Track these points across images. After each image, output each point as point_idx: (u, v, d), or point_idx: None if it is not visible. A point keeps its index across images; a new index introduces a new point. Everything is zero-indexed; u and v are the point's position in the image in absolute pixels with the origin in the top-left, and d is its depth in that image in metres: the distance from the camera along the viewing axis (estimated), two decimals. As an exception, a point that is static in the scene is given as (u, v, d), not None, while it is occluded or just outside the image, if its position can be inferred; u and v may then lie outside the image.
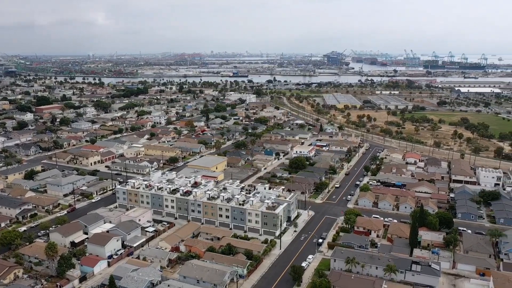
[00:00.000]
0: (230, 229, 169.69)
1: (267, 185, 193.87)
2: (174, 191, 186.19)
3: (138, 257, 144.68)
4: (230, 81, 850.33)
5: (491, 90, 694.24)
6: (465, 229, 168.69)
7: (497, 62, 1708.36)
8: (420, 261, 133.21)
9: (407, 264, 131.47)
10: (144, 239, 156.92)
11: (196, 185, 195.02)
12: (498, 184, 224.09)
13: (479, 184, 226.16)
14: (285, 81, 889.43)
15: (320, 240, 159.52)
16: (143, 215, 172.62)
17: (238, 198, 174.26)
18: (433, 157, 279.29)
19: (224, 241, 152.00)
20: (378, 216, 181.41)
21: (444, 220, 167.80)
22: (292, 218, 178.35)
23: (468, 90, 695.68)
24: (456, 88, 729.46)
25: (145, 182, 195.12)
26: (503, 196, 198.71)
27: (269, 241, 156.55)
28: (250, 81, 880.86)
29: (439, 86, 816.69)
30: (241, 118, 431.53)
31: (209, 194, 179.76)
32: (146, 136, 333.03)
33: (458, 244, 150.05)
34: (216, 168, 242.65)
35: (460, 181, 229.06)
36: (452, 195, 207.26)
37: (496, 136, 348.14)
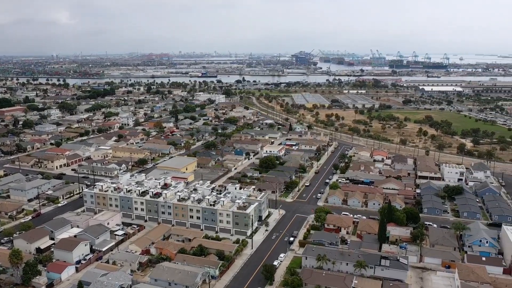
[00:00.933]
0: (201, 230, 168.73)
1: (237, 185, 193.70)
2: (144, 193, 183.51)
3: (107, 262, 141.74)
4: (199, 82, 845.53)
5: (453, 89, 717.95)
6: (431, 223, 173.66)
7: (458, 61, 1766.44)
8: (389, 256, 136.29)
9: (376, 260, 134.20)
10: (113, 243, 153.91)
11: (166, 186, 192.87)
12: (461, 179, 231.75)
13: (443, 179, 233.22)
14: (254, 81, 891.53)
15: (291, 239, 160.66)
16: (112, 218, 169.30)
17: (208, 199, 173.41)
18: (399, 154, 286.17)
19: (195, 242, 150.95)
20: (347, 213, 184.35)
21: (411, 215, 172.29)
22: (263, 218, 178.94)
23: (432, 89, 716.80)
24: (420, 87, 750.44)
25: (114, 185, 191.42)
26: (466, 191, 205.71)
27: (240, 241, 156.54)
28: (219, 81, 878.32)
29: (404, 85, 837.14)
30: (210, 118, 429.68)
31: (180, 196, 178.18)
32: (114, 138, 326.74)
33: (424, 238, 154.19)
34: (186, 169, 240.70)
35: (425, 177, 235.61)
36: (418, 191, 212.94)
37: (459, 133, 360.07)
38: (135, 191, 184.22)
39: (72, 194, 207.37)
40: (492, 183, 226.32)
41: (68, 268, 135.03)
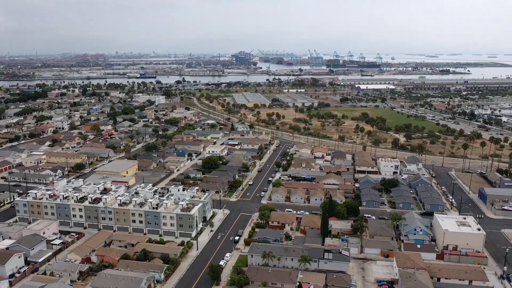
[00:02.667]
0: (145, 234, 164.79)
1: (180, 187, 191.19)
2: (82, 199, 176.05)
3: (44, 273, 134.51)
4: (138, 83, 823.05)
5: (386, 87, 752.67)
6: (370, 215, 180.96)
7: (390, 61, 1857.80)
8: (332, 249, 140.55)
9: (319, 253, 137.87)
10: (50, 253, 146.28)
11: (105, 191, 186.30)
12: (396, 172, 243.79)
13: (380, 173, 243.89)
14: (195, 82, 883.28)
15: (237, 238, 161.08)
16: (48, 227, 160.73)
17: (151, 202, 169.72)
18: (338, 151, 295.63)
19: (138, 247, 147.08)
20: (291, 210, 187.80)
21: (351, 208, 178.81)
22: (207, 218, 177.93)
23: (367, 87, 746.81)
24: (356, 86, 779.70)
25: (49, 192, 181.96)
26: (400, 183, 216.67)
27: (185, 243, 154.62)
28: (158, 82, 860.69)
29: (341, 83, 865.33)
30: (150, 120, 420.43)
31: (120, 200, 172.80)
32: (48, 143, 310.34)
33: (364, 230, 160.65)
34: (127, 173, 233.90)
35: (363, 172, 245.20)
36: (357, 185, 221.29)
37: (393, 128, 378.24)
38: (72, 198, 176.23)
39: (2, 204, 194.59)
40: (424, 174, 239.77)
41: (1, 282, 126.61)
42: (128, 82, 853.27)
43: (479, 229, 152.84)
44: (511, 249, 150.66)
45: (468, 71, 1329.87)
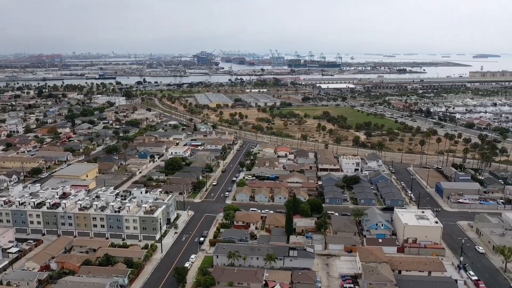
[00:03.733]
0: (107, 238, 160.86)
1: (143, 189, 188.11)
2: (40, 205, 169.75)
3: (0, 283, 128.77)
4: (97, 84, 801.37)
5: (346, 86, 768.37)
6: (333, 212, 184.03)
7: (350, 60, 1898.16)
8: (296, 247, 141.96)
9: (285, 251, 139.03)
10: (6, 262, 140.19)
11: (65, 196, 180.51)
12: (357, 169, 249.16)
13: (342, 170, 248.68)
14: (156, 82, 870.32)
15: (202, 239, 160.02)
16: (3, 235, 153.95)
17: (113, 205, 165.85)
18: (301, 149, 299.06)
19: (100, 252, 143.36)
20: (255, 209, 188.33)
21: (315, 206, 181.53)
22: (172, 220, 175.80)
23: (328, 86, 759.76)
24: (317, 85, 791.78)
25: (3, 198, 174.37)
26: (362, 180, 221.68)
27: (149, 246, 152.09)
28: (118, 83, 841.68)
29: (303, 83, 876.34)
30: (111, 121, 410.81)
31: (81, 204, 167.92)
32: (1, 147, 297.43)
33: (328, 227, 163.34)
34: (87, 176, 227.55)
35: (326, 169, 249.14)
36: (320, 182, 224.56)
37: (353, 126, 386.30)
38: (29, 203, 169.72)
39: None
40: (384, 171, 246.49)
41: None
42: (86, 83, 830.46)
43: (436, 222, 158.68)
44: (466, 240, 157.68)
45: (424, 70, 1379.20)
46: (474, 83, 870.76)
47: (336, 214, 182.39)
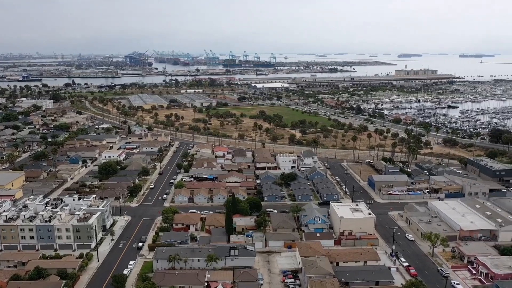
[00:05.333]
0: (38, 250, 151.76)
1: (76, 196, 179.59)
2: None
3: None
4: (20, 86, 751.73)
5: (281, 85, 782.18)
6: (272, 209, 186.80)
7: (284, 60, 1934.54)
8: (237, 246, 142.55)
9: (226, 251, 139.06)
10: None
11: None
12: (294, 166, 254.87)
13: (279, 168, 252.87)
14: (86, 84, 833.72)
15: (140, 244, 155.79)
16: None
17: (43, 215, 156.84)
18: (239, 149, 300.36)
19: (31, 265, 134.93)
20: (195, 211, 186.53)
21: (254, 204, 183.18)
22: (108, 227, 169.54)
23: (263, 86, 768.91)
24: (253, 84, 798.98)
25: None
26: (299, 176, 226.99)
27: (85, 255, 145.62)
28: (44, 85, 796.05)
29: (238, 83, 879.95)
30: (37, 126, 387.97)
31: (6, 216, 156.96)
32: None
33: (267, 224, 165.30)
34: (12, 185, 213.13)
35: (263, 168, 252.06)
36: (258, 181, 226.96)
37: (289, 125, 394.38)
38: None
39: None
40: (320, 167, 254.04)
41: None
42: (8, 85, 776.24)
43: (370, 214, 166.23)
44: (397, 229, 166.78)
45: (354, 69, 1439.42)
46: (400, 81, 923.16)
47: (275, 211, 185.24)
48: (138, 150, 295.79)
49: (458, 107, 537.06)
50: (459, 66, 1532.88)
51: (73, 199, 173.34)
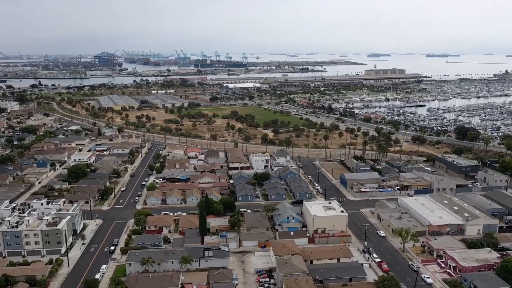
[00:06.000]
0: (4, 257, 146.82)
1: (44, 200, 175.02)
2: None
3: None
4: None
5: (253, 85, 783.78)
6: (245, 209, 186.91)
7: (255, 60, 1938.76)
8: (211, 247, 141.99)
9: (200, 252, 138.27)
10: None
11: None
12: (267, 166, 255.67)
13: (252, 168, 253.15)
14: (54, 85, 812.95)
15: (112, 248, 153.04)
16: None
17: (9, 221, 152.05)
18: (211, 149, 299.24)
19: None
20: (168, 212, 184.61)
21: (228, 205, 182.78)
22: (78, 231, 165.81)
23: (235, 86, 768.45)
24: (225, 85, 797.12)
25: None
26: (272, 176, 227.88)
27: (54, 261, 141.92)
28: (9, 86, 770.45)
29: (210, 83, 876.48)
30: (2, 129, 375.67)
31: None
32: None
33: (241, 225, 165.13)
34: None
35: (237, 168, 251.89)
36: (231, 181, 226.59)
37: (261, 124, 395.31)
38: None
39: None
40: (292, 166, 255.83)
41: None
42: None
43: (342, 211, 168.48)
44: (369, 226, 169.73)
45: (324, 69, 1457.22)
46: (369, 80, 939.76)
47: (249, 211, 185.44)
48: (108, 152, 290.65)
49: (425, 105, 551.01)
50: (426, 65, 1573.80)
51: (41, 204, 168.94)
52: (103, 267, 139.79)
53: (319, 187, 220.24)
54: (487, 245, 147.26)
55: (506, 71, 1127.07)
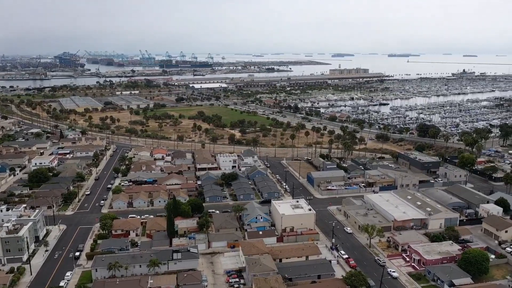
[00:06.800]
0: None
1: (3, 207, 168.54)
2: None
3: None
4: None
5: (219, 85, 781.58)
6: (214, 210, 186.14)
7: (221, 60, 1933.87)
8: (180, 249, 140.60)
9: (168, 255, 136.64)
10: None
11: None
12: (235, 166, 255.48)
13: (220, 168, 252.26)
14: (12, 87, 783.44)
15: (77, 253, 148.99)
16: None
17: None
18: (178, 150, 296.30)
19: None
20: (134, 215, 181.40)
21: (196, 206, 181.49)
22: (41, 237, 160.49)
23: (201, 86, 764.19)
24: (191, 85, 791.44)
25: None
26: (239, 176, 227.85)
27: (16, 269, 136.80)
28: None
29: (176, 84, 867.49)
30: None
31: None
32: None
33: (210, 225, 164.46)
34: None
35: (204, 169, 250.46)
36: (199, 182, 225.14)
37: (228, 125, 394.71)
38: None
39: None
40: (260, 166, 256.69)
41: None
42: None
43: (310, 210, 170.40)
44: (336, 223, 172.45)
45: (290, 69, 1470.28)
46: (334, 80, 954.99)
47: (217, 212, 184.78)
48: (72, 155, 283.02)
49: (388, 104, 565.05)
50: (388, 65, 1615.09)
51: (1, 210, 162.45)
52: (68, 274, 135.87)
53: (286, 186, 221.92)
54: (448, 238, 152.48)
55: (464, 70, 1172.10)
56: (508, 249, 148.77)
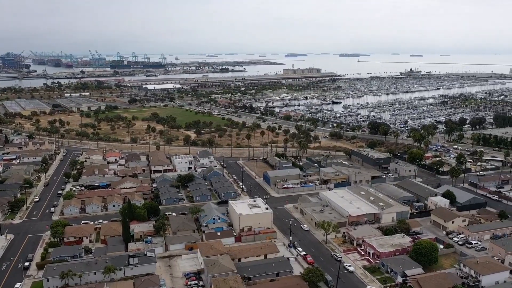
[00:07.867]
0: None
1: None
2: None
3: None
4: None
5: (173, 86, 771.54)
6: (170, 213, 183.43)
7: (175, 61, 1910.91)
8: (136, 253, 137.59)
9: (124, 260, 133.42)
10: None
11: None
12: (191, 167, 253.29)
13: (175, 170, 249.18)
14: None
15: (27, 263, 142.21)
16: None
17: None
18: (132, 153, 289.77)
19: None
20: (88, 221, 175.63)
21: (151, 209, 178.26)
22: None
23: (155, 87, 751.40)
24: (144, 86, 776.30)
25: None
26: (196, 177, 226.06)
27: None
28: None
29: (128, 85, 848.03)
30: None
31: None
32: None
33: (167, 228, 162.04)
34: None
35: (159, 171, 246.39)
36: (154, 185, 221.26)
37: (183, 126, 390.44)
38: None
39: None
40: (216, 166, 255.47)
41: None
42: None
43: (267, 208, 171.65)
44: (293, 221, 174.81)
45: (244, 69, 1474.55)
46: (288, 79, 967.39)
47: (174, 214, 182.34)
48: (18, 160, 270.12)
49: (341, 102, 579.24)
50: (340, 64, 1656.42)
51: None
52: (17, 285, 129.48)
53: (243, 186, 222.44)
54: (400, 231, 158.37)
55: (411, 69, 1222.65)
56: (455, 239, 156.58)
